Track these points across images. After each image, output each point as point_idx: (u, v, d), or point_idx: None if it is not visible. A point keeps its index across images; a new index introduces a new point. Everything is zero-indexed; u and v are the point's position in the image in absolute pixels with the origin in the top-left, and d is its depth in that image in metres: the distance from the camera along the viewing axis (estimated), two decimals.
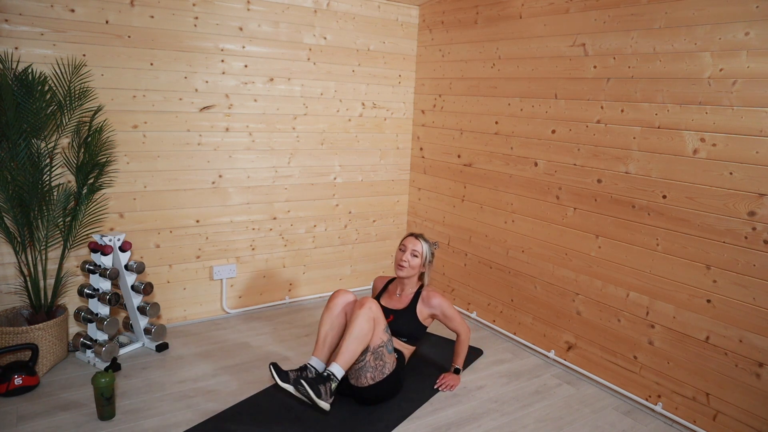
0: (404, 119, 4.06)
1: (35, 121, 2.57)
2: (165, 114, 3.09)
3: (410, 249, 2.70)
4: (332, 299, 2.56)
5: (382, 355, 2.42)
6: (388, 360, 2.45)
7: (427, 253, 2.72)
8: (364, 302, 2.37)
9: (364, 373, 2.41)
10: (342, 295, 2.57)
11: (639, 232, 2.62)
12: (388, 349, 2.45)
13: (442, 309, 2.71)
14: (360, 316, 2.32)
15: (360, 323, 2.32)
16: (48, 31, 2.71)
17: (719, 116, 2.28)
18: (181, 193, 3.23)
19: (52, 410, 2.40)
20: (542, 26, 3.02)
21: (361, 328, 2.31)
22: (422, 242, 2.71)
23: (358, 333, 2.30)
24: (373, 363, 2.40)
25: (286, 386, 2.30)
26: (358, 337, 2.28)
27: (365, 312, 2.34)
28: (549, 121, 3.02)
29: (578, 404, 2.67)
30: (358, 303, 2.39)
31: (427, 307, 2.71)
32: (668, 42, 2.44)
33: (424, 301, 2.72)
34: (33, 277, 2.70)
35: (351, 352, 2.30)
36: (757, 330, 2.22)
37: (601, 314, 2.83)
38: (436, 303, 2.71)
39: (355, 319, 2.33)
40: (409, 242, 2.72)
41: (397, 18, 3.84)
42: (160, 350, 2.99)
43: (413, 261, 2.69)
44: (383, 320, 2.45)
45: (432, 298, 2.72)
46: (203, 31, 3.12)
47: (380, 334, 2.41)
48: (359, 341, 2.30)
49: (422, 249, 2.70)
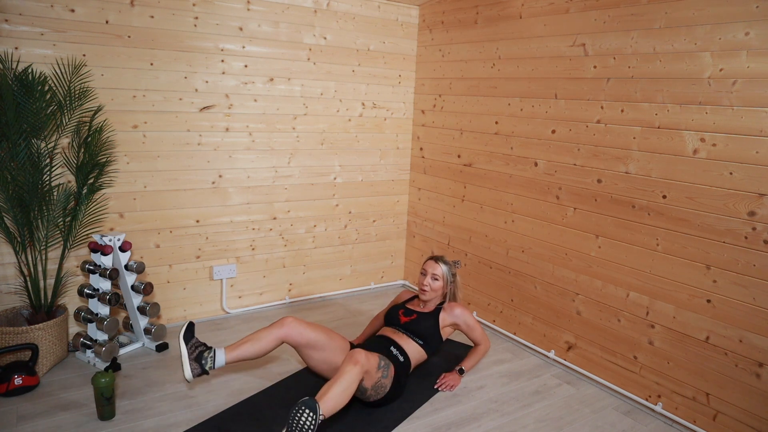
0: (404, 119, 4.06)
1: (35, 121, 2.57)
2: (165, 114, 3.10)
3: (430, 273, 2.79)
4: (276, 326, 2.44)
5: (381, 385, 2.41)
6: (388, 381, 2.45)
7: (448, 274, 2.79)
8: (353, 355, 2.26)
9: (368, 398, 2.43)
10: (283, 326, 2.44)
11: (639, 232, 2.62)
12: (384, 376, 2.42)
13: (464, 318, 2.79)
14: (348, 373, 2.20)
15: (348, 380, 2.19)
16: (48, 31, 2.71)
17: (719, 116, 2.28)
18: (181, 193, 3.23)
19: (52, 410, 2.40)
20: (542, 26, 3.02)
21: (349, 384, 2.19)
22: (441, 265, 2.79)
23: (345, 387, 2.18)
24: (374, 393, 2.42)
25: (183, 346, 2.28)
26: (345, 391, 2.17)
27: (356, 371, 2.21)
28: (549, 121, 3.02)
29: (578, 404, 2.67)
30: (350, 359, 2.25)
31: (449, 316, 2.79)
32: (668, 42, 2.44)
33: (446, 310, 2.81)
34: (33, 277, 2.70)
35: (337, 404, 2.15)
36: (757, 330, 2.21)
37: (601, 314, 2.83)
38: (458, 312, 2.79)
39: (345, 373, 2.20)
40: (429, 266, 2.81)
41: (397, 18, 3.84)
42: (160, 350, 2.99)
43: (434, 284, 2.78)
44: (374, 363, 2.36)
45: (455, 308, 2.80)
46: (203, 31, 3.12)
47: (374, 375, 2.36)
48: (346, 394, 2.18)
49: (442, 272, 2.78)
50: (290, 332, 2.43)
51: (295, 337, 2.44)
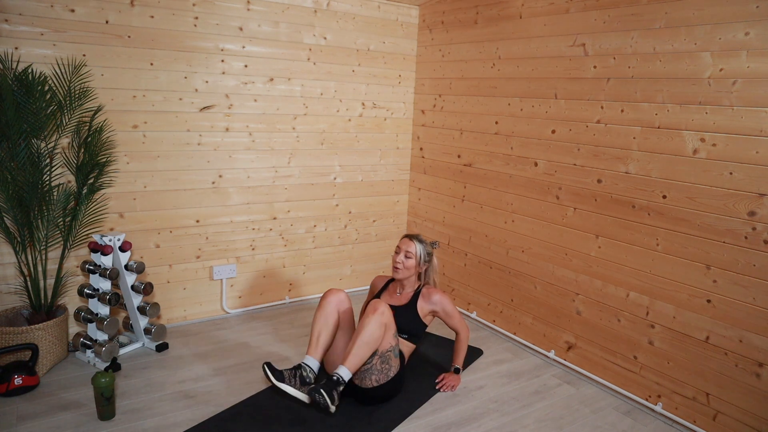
0: (404, 119, 4.06)
1: (35, 121, 2.57)
2: (165, 114, 3.10)
3: (404, 250, 2.70)
4: (324, 298, 2.57)
5: (389, 359, 2.43)
6: (394, 364, 2.47)
7: (422, 253, 2.71)
8: (377, 307, 2.36)
9: (370, 375, 2.41)
10: (334, 294, 2.59)
11: (639, 232, 2.62)
12: (395, 353, 2.47)
13: (442, 305, 2.71)
14: (372, 322, 2.31)
15: (371, 328, 2.31)
16: (48, 31, 2.71)
17: (719, 116, 2.28)
18: (181, 193, 3.23)
19: (52, 410, 2.40)
20: (542, 26, 3.02)
21: (371, 333, 2.30)
22: (416, 243, 2.71)
23: (368, 338, 2.29)
24: (380, 366, 2.41)
25: (283, 386, 2.32)
26: (368, 342, 2.27)
27: (377, 317, 2.33)
28: (549, 121, 3.02)
29: (578, 404, 2.67)
30: (371, 308, 2.36)
31: (427, 304, 2.71)
32: (668, 42, 2.44)
33: (425, 297, 2.72)
34: (33, 277, 2.70)
35: (360, 357, 2.30)
36: (757, 330, 2.22)
37: (601, 314, 2.83)
38: (436, 299, 2.71)
39: (367, 323, 2.31)
40: (403, 244, 2.73)
41: (397, 18, 3.85)
42: (160, 350, 2.99)
43: (407, 262, 2.69)
44: (394, 325, 2.45)
45: (433, 294, 2.72)
46: (203, 31, 3.12)
47: (390, 338, 2.42)
48: (369, 346, 2.29)
49: (416, 250, 2.70)
50: (343, 297, 2.60)
51: (345, 304, 2.60)
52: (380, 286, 2.93)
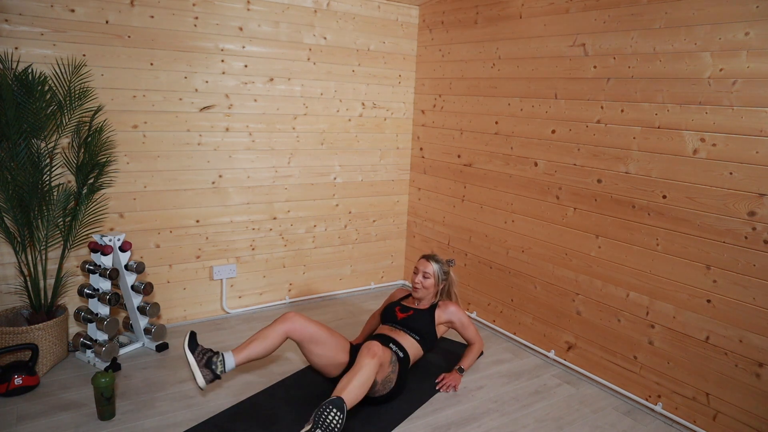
0: (404, 119, 4.06)
1: (35, 121, 2.57)
2: (165, 114, 3.10)
3: (422, 271, 2.83)
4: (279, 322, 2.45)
5: (391, 380, 2.49)
6: (394, 376, 2.51)
7: (439, 272, 2.83)
8: (372, 349, 2.33)
9: (373, 392, 2.46)
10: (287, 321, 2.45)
11: (639, 232, 2.62)
12: (393, 370, 2.51)
13: (459, 316, 2.83)
14: (367, 366, 2.28)
15: (366, 373, 2.27)
16: (48, 31, 2.71)
17: (719, 116, 2.28)
18: (181, 193, 3.23)
19: (52, 410, 2.40)
20: (542, 26, 3.02)
21: (367, 377, 2.27)
22: (433, 263, 2.84)
23: (365, 380, 2.26)
24: (383, 387, 2.47)
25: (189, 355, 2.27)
26: (364, 384, 2.25)
27: (374, 363, 2.30)
28: (549, 121, 3.02)
29: (578, 404, 2.67)
30: (367, 351, 2.32)
31: (445, 313, 2.82)
32: (668, 42, 2.44)
33: (442, 308, 2.84)
34: (33, 277, 2.70)
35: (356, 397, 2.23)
36: (757, 330, 2.21)
37: (601, 314, 2.83)
38: (453, 309, 2.83)
39: (363, 366, 2.27)
40: (421, 265, 2.86)
41: (397, 18, 3.84)
42: (160, 350, 2.99)
43: (426, 282, 2.82)
44: (388, 358, 2.48)
45: (450, 306, 2.85)
46: (203, 31, 3.12)
47: (386, 369, 2.46)
48: (365, 387, 2.26)
49: (433, 270, 2.82)
50: (294, 326, 2.44)
51: (298, 331, 2.44)
52: (399, 296, 3.05)
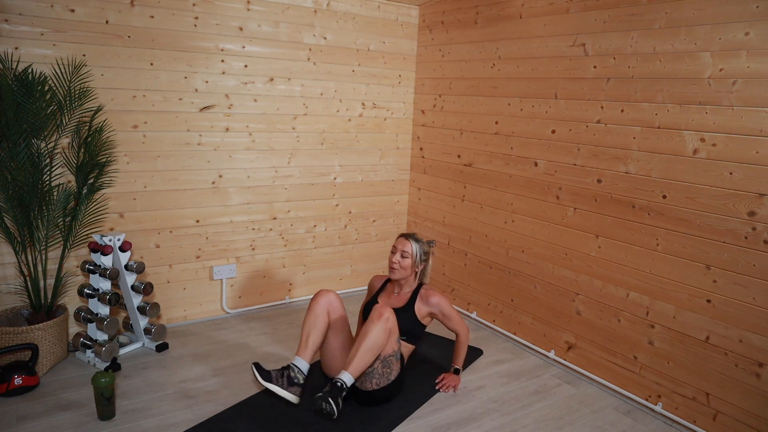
0: (404, 119, 4.06)
1: (35, 121, 2.57)
2: (165, 114, 3.10)
3: (400, 250, 2.68)
4: (314, 300, 2.55)
5: (391, 363, 2.44)
6: (395, 367, 2.47)
7: (418, 252, 2.68)
8: (383, 312, 2.34)
9: (371, 379, 2.42)
10: (324, 295, 2.56)
11: (639, 232, 2.62)
12: (397, 357, 2.47)
13: (440, 308, 2.69)
14: (376, 328, 2.30)
15: (375, 335, 2.29)
16: (48, 31, 2.71)
17: (719, 116, 2.28)
18: (181, 193, 3.23)
19: (52, 410, 2.40)
20: (542, 26, 3.02)
21: (376, 340, 2.28)
22: (412, 242, 2.69)
23: (372, 344, 2.28)
24: (381, 370, 2.42)
25: (270, 385, 2.32)
26: (372, 348, 2.26)
27: (382, 324, 2.31)
28: (549, 121, 3.02)
29: (578, 404, 2.67)
30: (376, 313, 2.34)
31: (425, 306, 2.70)
32: (668, 42, 2.44)
33: (423, 299, 2.71)
34: (33, 277, 2.70)
35: (363, 363, 2.28)
36: (757, 330, 2.22)
37: (601, 314, 2.83)
38: (434, 301, 2.69)
39: (371, 330, 2.29)
40: (399, 243, 2.70)
41: (397, 18, 3.85)
42: (160, 350, 2.99)
43: (404, 262, 2.67)
44: (397, 330, 2.44)
45: (431, 296, 2.70)
46: (203, 31, 3.12)
47: (393, 343, 2.42)
48: (372, 352, 2.27)
49: (412, 249, 2.67)
50: (333, 298, 2.57)
51: (335, 305, 2.56)
52: (378, 286, 2.91)
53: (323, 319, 2.52)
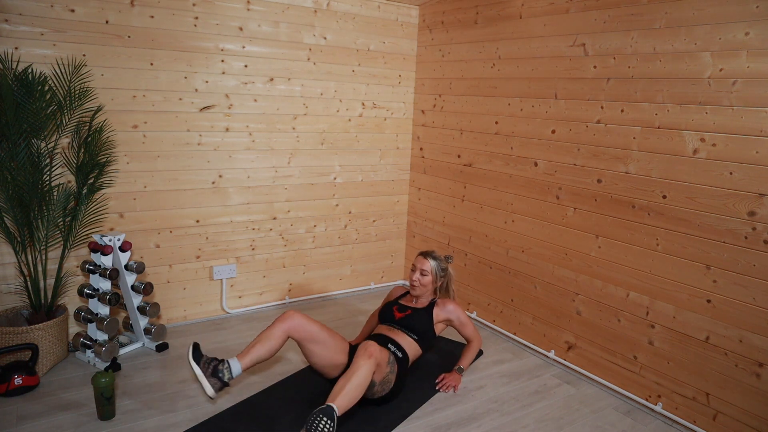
0: (404, 119, 4.06)
1: (35, 121, 2.57)
2: (165, 114, 3.10)
3: (419, 269, 2.81)
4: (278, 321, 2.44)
5: (388, 380, 2.48)
6: (393, 377, 2.50)
7: (437, 269, 2.82)
8: (368, 349, 2.32)
9: (373, 395, 2.46)
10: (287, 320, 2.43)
11: (639, 232, 2.62)
12: (392, 371, 2.50)
13: (457, 314, 2.82)
14: (363, 368, 2.26)
15: (363, 373, 2.26)
16: (48, 31, 2.71)
17: (719, 116, 2.28)
18: (181, 193, 3.23)
19: (52, 410, 2.40)
20: (542, 26, 3.02)
21: (364, 377, 2.25)
22: (430, 260, 2.83)
23: (359, 382, 2.24)
24: (381, 389, 2.46)
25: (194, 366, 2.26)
26: (359, 386, 2.24)
27: (371, 364, 2.29)
28: (549, 121, 3.02)
29: (578, 404, 2.67)
30: (363, 351, 2.31)
31: (443, 312, 2.81)
32: (668, 42, 2.44)
33: (440, 306, 2.83)
34: (33, 277, 2.70)
35: (350, 398, 2.21)
36: (757, 330, 2.21)
37: (601, 314, 2.83)
38: (451, 308, 2.82)
39: (359, 368, 2.26)
40: (418, 262, 2.84)
41: (397, 18, 3.84)
42: (160, 350, 2.99)
43: (424, 280, 2.80)
44: (385, 358, 2.44)
45: (448, 304, 2.84)
46: (203, 31, 3.12)
47: (384, 369, 2.43)
48: (360, 389, 2.24)
49: (431, 267, 2.81)
50: (294, 324, 2.42)
51: (299, 329, 2.42)
52: (397, 295, 3.04)
53: (275, 342, 2.40)
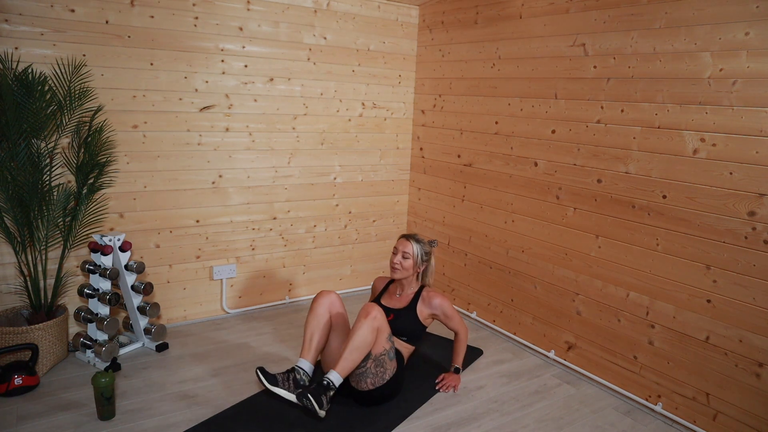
0: (404, 119, 4.06)
1: (35, 121, 2.57)
2: (165, 114, 3.10)
3: (401, 251, 2.68)
4: (316, 300, 2.59)
5: (384, 362, 2.43)
6: (389, 366, 2.46)
7: (419, 252, 2.69)
8: (369, 311, 2.35)
9: (365, 379, 2.42)
10: (325, 296, 2.60)
11: (639, 232, 2.62)
12: (390, 356, 2.46)
13: (442, 309, 2.71)
14: (363, 326, 2.31)
15: (363, 333, 2.31)
16: (48, 31, 2.71)
17: (719, 116, 2.28)
18: (181, 193, 3.23)
19: (52, 410, 2.40)
20: (542, 26, 3.02)
21: (363, 338, 2.29)
22: (413, 243, 2.69)
23: (360, 343, 2.29)
24: (374, 370, 2.41)
25: (277, 390, 2.34)
26: (359, 347, 2.27)
27: (369, 322, 2.32)
28: (549, 121, 3.02)
29: (578, 404, 2.67)
30: (363, 312, 2.36)
31: (427, 307, 2.71)
32: (668, 42, 2.44)
33: (425, 301, 2.71)
34: (33, 277, 2.70)
35: (351, 361, 2.30)
36: (757, 330, 2.22)
37: (601, 314, 2.83)
38: (436, 303, 2.70)
39: (359, 328, 2.31)
40: (400, 244, 2.71)
41: (397, 18, 3.85)
42: (160, 350, 2.99)
43: (405, 263, 2.67)
44: (387, 328, 2.43)
45: (433, 298, 2.71)
46: (203, 31, 3.12)
47: (383, 342, 2.41)
48: (360, 351, 2.29)
49: (413, 250, 2.67)
50: (334, 298, 2.61)
51: (336, 305, 2.60)
52: (380, 287, 2.93)
53: (325, 320, 2.55)
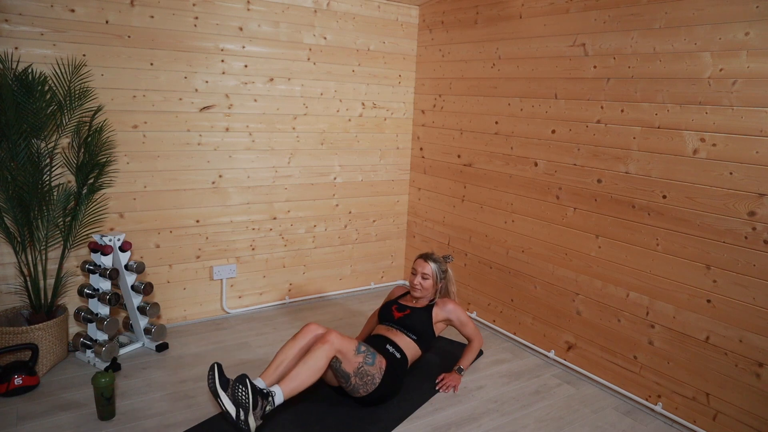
0: (404, 119, 4.06)
1: (35, 121, 2.57)
2: (165, 114, 3.10)
3: (420, 272, 2.82)
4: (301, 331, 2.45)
5: (366, 372, 2.39)
6: (375, 370, 2.42)
7: (437, 271, 2.82)
8: (327, 338, 2.29)
9: (357, 391, 2.41)
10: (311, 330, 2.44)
11: (639, 232, 2.62)
12: (369, 362, 2.40)
13: (457, 314, 2.81)
14: (319, 351, 2.24)
15: (317, 357, 2.23)
16: (48, 31, 2.71)
17: (719, 116, 2.28)
18: (181, 193, 3.23)
19: (52, 410, 2.40)
20: (542, 26, 3.02)
21: (316, 361, 2.22)
22: (431, 263, 2.82)
23: (309, 366, 2.22)
24: (361, 381, 2.39)
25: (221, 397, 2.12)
26: (308, 370, 2.20)
27: (326, 348, 2.25)
28: (549, 121, 3.02)
29: (578, 404, 2.67)
30: (321, 338, 2.30)
31: (442, 311, 2.81)
32: (668, 42, 2.44)
33: (439, 305, 2.83)
34: (33, 277, 2.70)
35: (300, 382, 2.20)
36: (757, 330, 2.22)
37: (601, 314, 2.83)
38: (451, 308, 2.81)
39: (314, 351, 2.24)
40: (419, 265, 2.84)
41: (397, 18, 3.84)
42: (160, 350, 2.99)
43: (425, 283, 2.81)
44: (350, 346, 2.35)
45: (447, 303, 2.83)
46: (203, 31, 3.12)
47: (352, 359, 2.35)
48: (308, 373, 2.20)
49: (431, 270, 2.81)
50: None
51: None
52: (398, 294, 3.04)
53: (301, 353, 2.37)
